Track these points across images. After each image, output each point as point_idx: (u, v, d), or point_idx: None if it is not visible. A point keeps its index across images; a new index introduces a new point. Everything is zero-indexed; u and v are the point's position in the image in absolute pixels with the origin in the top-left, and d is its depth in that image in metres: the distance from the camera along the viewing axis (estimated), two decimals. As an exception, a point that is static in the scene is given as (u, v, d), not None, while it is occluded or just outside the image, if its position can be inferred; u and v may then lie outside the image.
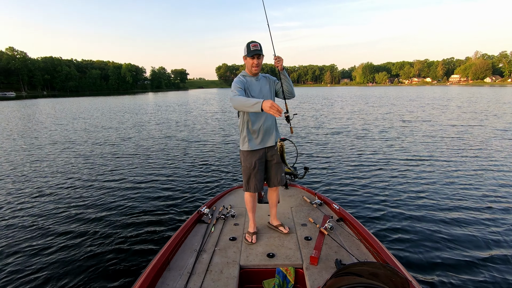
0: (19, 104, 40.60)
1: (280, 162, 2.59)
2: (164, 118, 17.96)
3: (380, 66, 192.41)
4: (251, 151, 2.51)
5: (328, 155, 7.83)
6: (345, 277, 1.05)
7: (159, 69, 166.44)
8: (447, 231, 3.73)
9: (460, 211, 4.31)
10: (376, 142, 9.40)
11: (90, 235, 3.82)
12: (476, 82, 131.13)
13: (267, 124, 2.48)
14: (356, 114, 18.10)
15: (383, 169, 6.43)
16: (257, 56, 2.39)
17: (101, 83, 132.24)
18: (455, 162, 6.97)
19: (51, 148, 9.61)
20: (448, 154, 7.70)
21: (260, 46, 2.40)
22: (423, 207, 4.46)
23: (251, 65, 2.42)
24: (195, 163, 7.32)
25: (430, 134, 10.67)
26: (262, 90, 2.50)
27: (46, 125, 15.73)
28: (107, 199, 5.05)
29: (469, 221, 3.99)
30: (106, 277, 2.98)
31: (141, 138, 11.32)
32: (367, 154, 7.83)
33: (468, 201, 4.64)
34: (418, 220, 4.04)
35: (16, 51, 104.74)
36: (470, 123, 13.17)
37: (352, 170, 6.46)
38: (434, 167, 6.56)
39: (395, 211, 4.34)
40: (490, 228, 3.81)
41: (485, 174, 5.95)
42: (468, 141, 9.26)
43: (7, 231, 3.99)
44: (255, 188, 2.58)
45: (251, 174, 2.55)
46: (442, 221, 3.99)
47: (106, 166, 7.23)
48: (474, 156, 7.41)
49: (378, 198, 4.83)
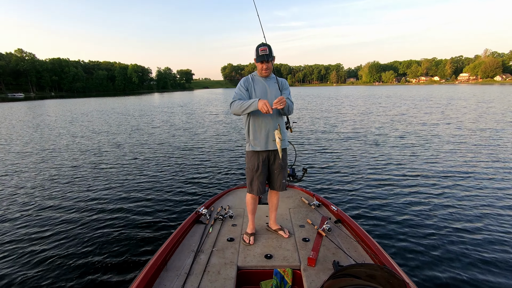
0: (28, 104, 41.21)
1: (283, 167, 2.57)
2: (165, 119, 17.95)
3: (387, 65, 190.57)
4: (254, 152, 2.51)
5: (327, 157, 7.80)
6: (343, 278, 1.05)
7: (165, 70, 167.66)
8: (445, 233, 3.72)
9: (459, 214, 4.28)
10: (376, 144, 9.33)
11: (88, 235, 3.84)
12: (485, 81, 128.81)
13: (269, 126, 2.44)
14: (357, 116, 17.95)
15: (382, 171, 6.39)
16: (266, 61, 2.38)
17: (108, 84, 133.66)
18: (455, 162, 6.97)
19: (52, 148, 9.71)
20: (447, 155, 7.67)
21: (270, 49, 2.38)
22: (421, 209, 4.44)
23: (260, 69, 2.44)
24: (194, 164, 7.33)
25: (430, 135, 10.58)
26: (268, 91, 2.48)
27: (54, 126, 15.95)
28: (105, 199, 5.07)
29: (469, 223, 3.97)
30: (103, 277, 2.99)
31: (141, 138, 11.34)
32: (366, 156, 7.78)
33: (468, 204, 4.61)
34: (416, 222, 4.02)
35: (25, 53, 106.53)
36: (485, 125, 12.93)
37: (350, 171, 6.43)
38: (434, 168, 6.52)
39: (393, 213, 4.33)
40: (491, 229, 3.79)
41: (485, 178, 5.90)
42: (475, 143, 9.14)
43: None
44: (258, 190, 2.57)
45: (254, 176, 2.55)
46: (440, 224, 3.97)
47: (104, 166, 7.26)
48: (473, 158, 7.34)
49: (376, 200, 4.81)
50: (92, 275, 3.03)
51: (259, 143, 2.47)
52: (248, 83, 2.48)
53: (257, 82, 2.49)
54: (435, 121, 14.14)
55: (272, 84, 2.50)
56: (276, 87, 2.50)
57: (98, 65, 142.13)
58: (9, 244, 3.67)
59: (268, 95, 2.47)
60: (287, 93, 2.51)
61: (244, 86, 2.47)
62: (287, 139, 2.63)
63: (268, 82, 2.49)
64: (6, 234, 3.93)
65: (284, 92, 2.50)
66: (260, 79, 2.49)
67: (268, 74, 2.48)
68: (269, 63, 2.41)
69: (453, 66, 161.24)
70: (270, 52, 2.38)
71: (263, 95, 2.46)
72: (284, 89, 2.53)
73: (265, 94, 2.47)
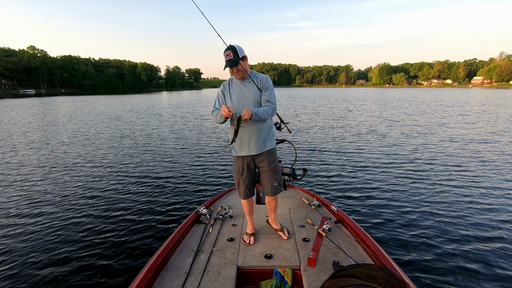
0: (40, 101, 41.88)
1: (271, 170, 2.47)
2: (166, 119, 17.84)
3: (398, 67, 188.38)
4: (239, 157, 2.50)
5: (327, 157, 7.77)
6: (343, 279, 1.05)
7: (174, 69, 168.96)
8: (446, 234, 3.71)
9: (460, 215, 4.26)
10: (376, 144, 9.26)
11: (87, 235, 3.82)
12: (500, 85, 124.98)
13: (250, 132, 2.37)
14: (358, 116, 17.81)
15: (383, 172, 6.36)
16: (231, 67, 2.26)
17: (117, 82, 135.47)
18: (454, 162, 7.01)
19: (52, 148, 9.75)
20: (448, 155, 7.66)
21: (235, 52, 2.22)
22: (421, 210, 4.43)
23: (232, 73, 2.35)
24: (194, 164, 7.32)
25: (431, 136, 10.47)
26: (241, 94, 2.37)
27: (57, 124, 16.15)
28: (105, 199, 5.06)
29: (469, 224, 3.96)
30: (103, 276, 2.99)
31: (140, 138, 11.30)
32: (366, 156, 7.75)
33: (468, 205, 4.60)
34: (416, 223, 4.01)
35: (37, 50, 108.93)
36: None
37: (351, 172, 6.40)
38: (434, 169, 6.50)
39: (393, 213, 4.32)
40: (492, 230, 3.79)
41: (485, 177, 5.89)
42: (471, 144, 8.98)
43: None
44: (244, 194, 2.56)
45: (239, 179, 2.54)
46: (440, 224, 3.97)
47: (104, 166, 7.24)
48: (477, 157, 7.23)
49: (377, 200, 4.80)
50: (92, 274, 3.02)
51: (242, 148, 2.44)
52: (224, 89, 2.45)
53: (234, 86, 2.41)
54: (432, 122, 14.10)
55: (249, 85, 2.37)
56: (255, 88, 2.36)
57: (108, 63, 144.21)
58: (8, 243, 3.67)
59: (244, 98, 2.37)
60: (267, 94, 2.35)
61: (222, 92, 2.45)
62: (274, 139, 2.54)
63: (245, 84, 2.38)
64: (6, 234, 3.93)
65: (264, 93, 2.35)
66: (237, 82, 2.41)
67: (242, 76, 2.35)
68: (238, 66, 2.26)
69: (467, 69, 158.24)
70: (236, 54, 2.23)
71: (239, 98, 2.38)
72: (265, 89, 2.36)
73: (241, 98, 2.37)
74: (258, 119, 2.26)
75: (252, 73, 2.41)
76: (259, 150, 2.42)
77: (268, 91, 2.35)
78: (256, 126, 2.36)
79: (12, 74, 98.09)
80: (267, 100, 2.34)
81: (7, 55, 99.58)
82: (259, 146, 2.41)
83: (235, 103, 2.39)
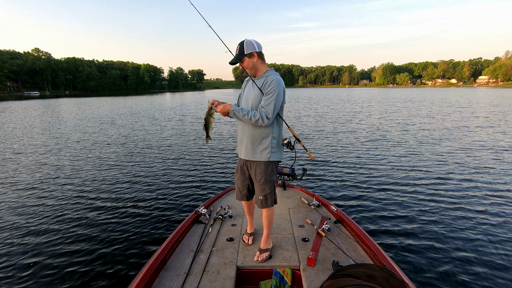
0: (46, 103, 42.17)
1: (261, 182, 2.28)
2: (166, 119, 17.85)
3: (402, 67, 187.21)
4: (238, 157, 2.48)
5: (327, 157, 7.77)
6: (342, 278, 1.05)
7: (177, 70, 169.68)
8: (445, 234, 3.70)
9: (460, 215, 4.24)
10: (376, 145, 9.23)
11: (87, 235, 3.83)
12: (506, 84, 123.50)
13: (240, 133, 2.33)
14: (358, 116, 17.74)
15: (382, 172, 6.34)
16: (234, 63, 2.22)
17: (120, 83, 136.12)
18: (453, 162, 6.97)
19: (51, 148, 9.77)
20: (448, 155, 7.64)
21: (240, 49, 2.15)
22: (421, 210, 4.41)
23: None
24: (194, 164, 7.32)
25: (430, 137, 10.41)
26: (248, 93, 2.29)
27: (58, 127, 16.23)
28: (105, 199, 5.08)
29: (469, 225, 3.94)
30: (102, 276, 2.99)
31: (140, 138, 11.32)
32: (366, 156, 7.74)
33: (468, 205, 4.57)
34: (415, 223, 4.00)
35: (41, 52, 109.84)
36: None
37: (350, 172, 6.39)
38: (434, 169, 6.47)
39: (393, 213, 4.31)
40: (492, 230, 3.77)
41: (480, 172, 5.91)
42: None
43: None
44: (237, 194, 2.56)
45: (235, 178, 2.54)
46: (440, 225, 3.95)
47: (103, 166, 7.26)
48: (476, 158, 7.17)
49: (376, 201, 4.79)
50: (92, 274, 3.02)
51: (238, 149, 2.44)
52: (243, 84, 2.44)
53: (247, 84, 2.35)
54: (431, 122, 14.10)
55: (253, 88, 2.22)
56: (255, 91, 2.19)
57: (111, 64, 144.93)
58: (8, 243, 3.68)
59: (248, 97, 2.26)
60: (264, 99, 2.10)
61: (242, 88, 2.44)
62: (272, 152, 2.23)
63: (252, 84, 2.24)
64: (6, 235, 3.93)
65: (263, 98, 2.12)
66: (250, 81, 2.30)
67: (253, 73, 2.22)
68: (244, 63, 2.17)
69: (472, 68, 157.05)
70: (241, 50, 2.14)
71: (245, 97, 2.31)
72: (266, 93, 2.11)
73: (247, 96, 2.28)
74: (238, 119, 2.17)
75: (266, 72, 2.20)
76: (247, 156, 2.28)
77: (267, 96, 2.09)
78: (248, 129, 2.22)
79: (17, 76, 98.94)
80: (261, 106, 2.11)
81: (12, 58, 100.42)
82: (248, 152, 2.26)
83: (242, 100, 2.37)
